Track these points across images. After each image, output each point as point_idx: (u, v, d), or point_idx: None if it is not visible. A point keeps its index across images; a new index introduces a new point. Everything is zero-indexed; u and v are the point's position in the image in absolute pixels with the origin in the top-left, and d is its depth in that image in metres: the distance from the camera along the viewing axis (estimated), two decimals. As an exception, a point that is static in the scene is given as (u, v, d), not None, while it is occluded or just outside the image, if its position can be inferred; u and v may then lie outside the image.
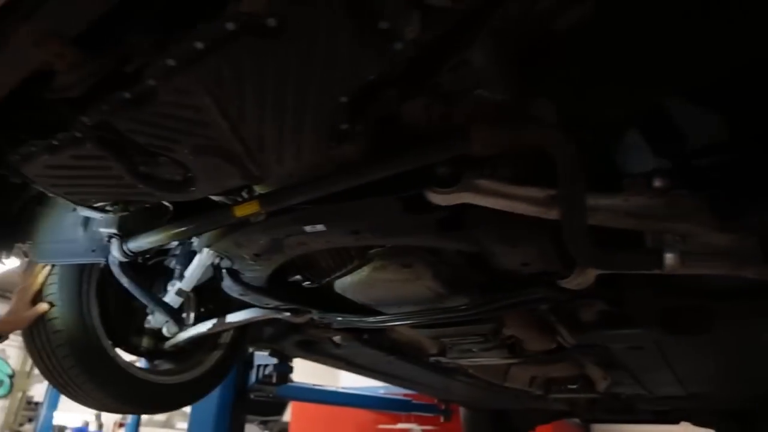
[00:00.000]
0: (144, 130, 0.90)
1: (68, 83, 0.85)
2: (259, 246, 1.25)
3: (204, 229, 1.23)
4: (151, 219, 1.42)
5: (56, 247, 1.60)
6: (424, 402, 5.21)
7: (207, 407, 3.24)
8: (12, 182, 1.53)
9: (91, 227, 1.57)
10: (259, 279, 1.49)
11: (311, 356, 2.49)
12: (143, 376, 1.85)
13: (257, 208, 1.07)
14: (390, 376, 2.87)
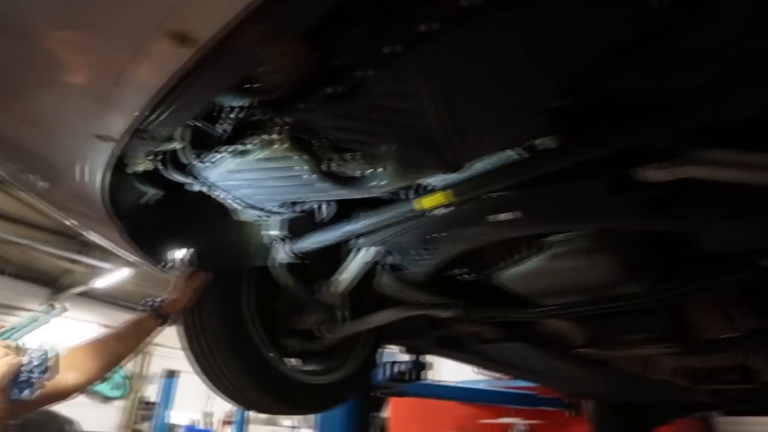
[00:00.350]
0: (344, 126, 0.89)
1: (276, 84, 0.84)
2: (438, 239, 1.21)
3: (386, 225, 1.20)
4: (312, 220, 1.43)
5: (216, 253, 1.64)
6: (549, 396, 5.03)
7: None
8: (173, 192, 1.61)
9: (247, 231, 1.60)
10: (422, 274, 1.46)
11: (449, 353, 2.45)
12: (297, 377, 1.88)
13: (448, 198, 1.03)
14: (523, 370, 2.77)
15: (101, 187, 1.21)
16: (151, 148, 1.07)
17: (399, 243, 1.30)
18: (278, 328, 1.91)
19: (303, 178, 1.05)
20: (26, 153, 1.17)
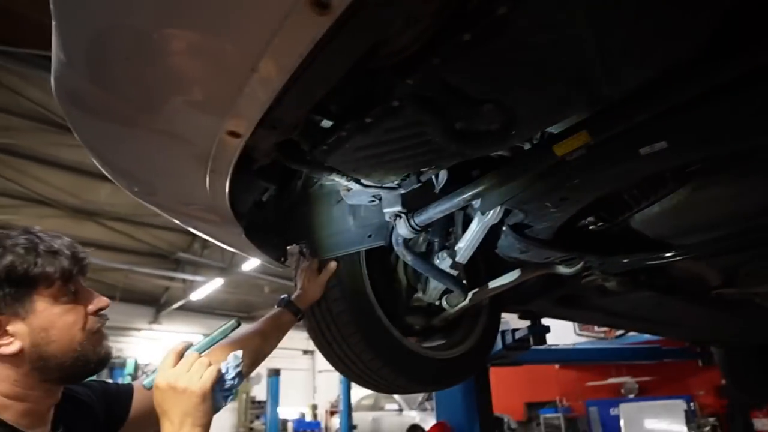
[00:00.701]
0: (481, 75, 0.84)
1: (406, 42, 0.81)
2: (572, 186, 1.14)
3: (513, 181, 1.14)
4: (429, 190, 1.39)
5: (332, 240, 1.64)
6: (674, 347, 4.83)
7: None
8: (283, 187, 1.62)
9: (359, 214, 1.59)
10: (548, 230, 1.40)
11: (569, 312, 2.37)
12: (424, 353, 1.86)
13: (586, 138, 0.96)
14: (649, 323, 2.65)
15: (226, 188, 1.23)
16: (276, 139, 1.06)
17: (527, 199, 1.24)
18: (399, 307, 1.90)
19: (432, 142, 1.01)
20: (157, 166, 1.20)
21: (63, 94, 1.00)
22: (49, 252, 0.96)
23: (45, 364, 0.94)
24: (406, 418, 11.17)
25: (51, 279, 0.95)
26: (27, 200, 10.60)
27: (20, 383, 0.93)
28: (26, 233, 0.97)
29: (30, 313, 0.93)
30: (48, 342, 0.94)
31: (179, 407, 0.96)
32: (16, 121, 8.67)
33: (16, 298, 0.92)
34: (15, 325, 0.92)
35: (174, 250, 13.05)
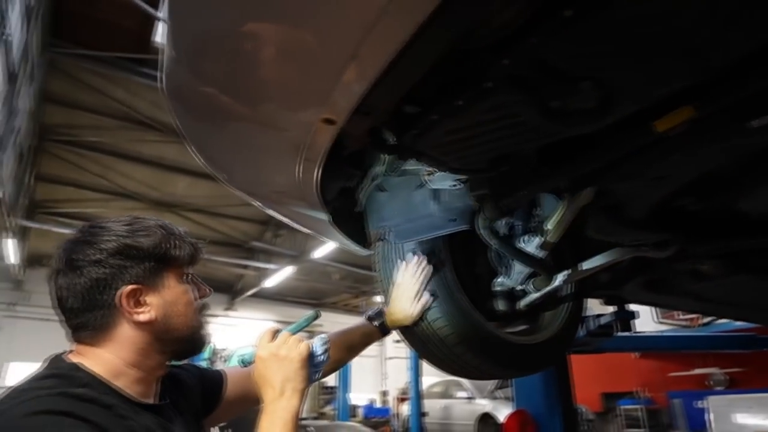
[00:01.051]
0: (581, 51, 0.82)
1: (503, 22, 0.80)
2: (671, 164, 1.10)
3: (608, 159, 1.11)
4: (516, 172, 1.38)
5: (413, 225, 1.65)
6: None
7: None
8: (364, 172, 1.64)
9: (443, 198, 1.60)
10: (641, 210, 1.35)
11: (657, 298, 2.29)
12: (508, 338, 1.85)
13: (689, 113, 0.92)
14: (744, 309, 2.50)
15: (317, 176, 1.26)
16: (368, 125, 1.08)
17: (621, 178, 1.20)
18: (481, 292, 1.89)
19: (525, 123, 1.00)
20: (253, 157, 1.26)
21: (171, 89, 1.06)
22: (181, 238, 1.06)
23: (167, 335, 1.02)
24: (476, 406, 11.09)
25: (180, 261, 1.04)
26: (114, 194, 11.28)
27: (142, 351, 0.99)
28: (162, 223, 1.06)
29: (163, 287, 1.01)
30: (175, 315, 1.02)
31: (280, 373, 1.06)
32: (102, 120, 9.23)
33: (154, 271, 1.00)
34: (151, 296, 0.99)
35: (247, 239, 13.53)
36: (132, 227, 1.00)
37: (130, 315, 0.97)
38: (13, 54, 5.16)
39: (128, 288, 0.96)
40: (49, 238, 12.26)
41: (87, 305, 0.95)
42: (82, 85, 8.37)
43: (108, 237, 0.97)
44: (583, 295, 2.12)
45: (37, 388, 0.85)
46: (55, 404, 0.81)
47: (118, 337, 0.98)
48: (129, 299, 0.96)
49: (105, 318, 0.96)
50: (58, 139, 9.65)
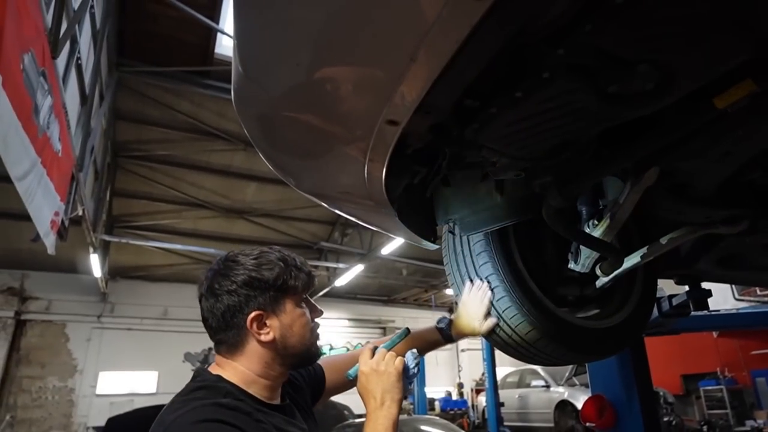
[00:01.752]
0: (634, 36, 0.83)
1: (557, 13, 0.83)
2: (737, 138, 1.09)
3: (670, 139, 1.11)
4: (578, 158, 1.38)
5: (478, 217, 1.67)
6: None
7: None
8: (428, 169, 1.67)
9: (507, 189, 1.61)
10: (709, 187, 1.33)
11: (732, 274, 2.21)
12: (581, 323, 1.85)
13: (749, 87, 0.91)
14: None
15: (383, 175, 1.31)
16: (430, 123, 1.12)
17: (685, 156, 1.19)
18: (550, 279, 1.90)
19: (584, 109, 1.01)
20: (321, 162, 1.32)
21: (240, 103, 1.15)
22: (298, 269, 1.24)
23: (286, 352, 1.21)
24: (553, 394, 10.95)
25: (297, 289, 1.23)
26: (186, 204, 11.78)
27: (268, 365, 1.20)
28: (283, 254, 1.25)
29: (281, 312, 1.20)
30: (291, 335, 1.21)
31: (380, 386, 1.23)
32: (171, 133, 9.67)
33: (275, 299, 1.19)
34: (272, 320, 1.19)
35: (316, 240, 13.81)
36: (258, 261, 1.19)
37: (257, 335, 1.17)
38: (84, 77, 5.49)
39: (254, 313, 1.16)
40: (126, 251, 12.95)
41: (223, 325, 1.18)
42: (150, 100, 8.78)
43: (239, 270, 1.17)
44: (655, 276, 2.08)
45: (194, 399, 1.07)
46: (212, 414, 1.01)
47: (248, 352, 1.19)
48: (254, 322, 1.16)
49: (237, 337, 1.18)
50: (130, 155, 10.16)
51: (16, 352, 13.25)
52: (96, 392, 13.83)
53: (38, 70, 3.39)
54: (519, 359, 1.91)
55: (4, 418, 12.47)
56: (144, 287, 14.55)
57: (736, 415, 9.14)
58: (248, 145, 10.01)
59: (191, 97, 8.74)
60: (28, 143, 3.30)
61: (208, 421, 0.99)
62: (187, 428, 0.98)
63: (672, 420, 8.85)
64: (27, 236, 4.95)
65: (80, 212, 6.22)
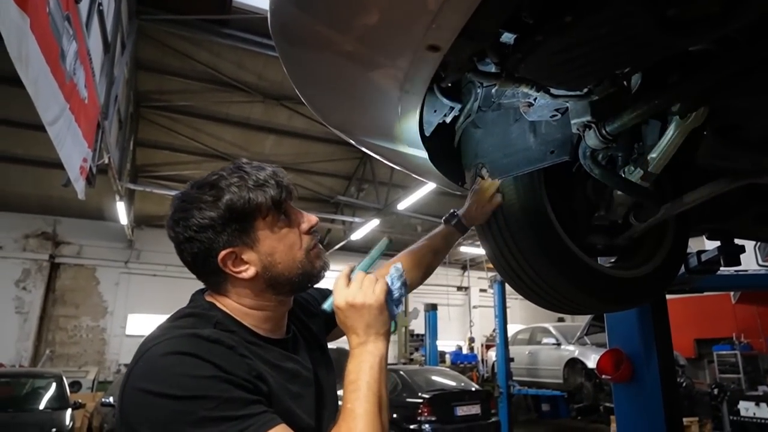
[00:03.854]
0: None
1: None
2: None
3: (721, 76, 1.05)
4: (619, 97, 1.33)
5: (510, 160, 1.63)
6: None
7: (624, 313, 3.16)
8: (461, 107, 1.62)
9: (540, 131, 1.56)
10: (759, 132, 1.27)
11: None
12: (608, 272, 1.82)
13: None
14: None
15: (418, 109, 1.27)
16: (472, 51, 1.07)
17: (741, 93, 1.13)
18: (580, 226, 1.86)
19: (639, 36, 0.96)
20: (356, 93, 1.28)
21: (276, 26, 1.11)
22: (258, 185, 1.05)
23: (276, 282, 1.07)
24: (563, 352, 11.04)
25: (264, 208, 1.05)
26: (205, 155, 11.81)
27: (259, 297, 1.08)
28: (237, 170, 1.07)
29: (255, 241, 1.05)
30: (275, 264, 1.06)
31: (361, 321, 1.05)
32: (190, 84, 9.62)
33: (241, 230, 1.03)
34: (247, 254, 1.04)
35: (333, 194, 13.84)
36: (207, 195, 1.03)
37: (236, 274, 1.04)
38: (106, 23, 5.43)
39: (223, 253, 1.02)
40: (150, 200, 13.15)
41: (200, 271, 1.07)
42: (169, 50, 8.71)
43: (190, 213, 1.02)
44: (687, 229, 2.03)
45: (175, 327, 0.97)
46: (186, 346, 0.90)
47: (234, 290, 1.07)
48: (227, 262, 1.03)
49: (217, 278, 1.06)
50: (151, 105, 10.18)
51: (52, 292, 14.09)
52: (126, 332, 14.56)
53: (63, 14, 3.35)
54: (542, 306, 1.89)
55: (44, 352, 13.40)
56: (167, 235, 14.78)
57: (749, 380, 9.16)
58: (266, 97, 9.95)
59: (210, 46, 8.65)
60: (56, 88, 3.30)
61: (180, 353, 0.88)
62: (155, 360, 0.89)
63: (683, 382, 8.90)
64: (57, 183, 5.01)
65: (106, 160, 6.26)
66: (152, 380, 0.86)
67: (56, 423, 6.57)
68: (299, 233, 1.12)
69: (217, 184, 1.04)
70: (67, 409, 7.03)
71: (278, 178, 1.09)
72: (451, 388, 8.40)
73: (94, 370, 13.21)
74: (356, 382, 0.98)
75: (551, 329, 11.83)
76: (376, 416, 0.93)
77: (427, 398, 7.54)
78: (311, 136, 11.26)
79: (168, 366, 0.87)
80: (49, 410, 7.01)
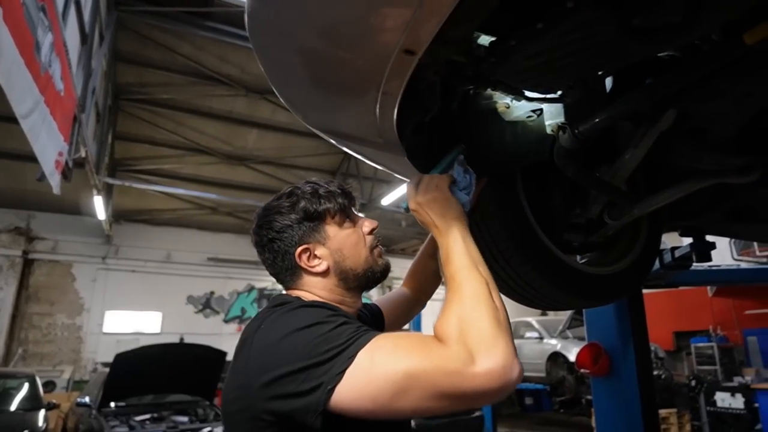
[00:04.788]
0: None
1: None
2: (758, 80, 1.06)
3: (692, 79, 1.09)
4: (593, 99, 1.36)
5: (488, 159, 1.65)
6: None
7: (602, 308, 3.23)
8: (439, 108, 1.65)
9: (517, 131, 1.59)
10: (726, 133, 1.31)
11: (739, 228, 2.21)
12: (584, 269, 1.86)
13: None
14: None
15: (395, 110, 1.29)
16: (447, 55, 1.09)
17: (707, 97, 1.17)
18: (556, 224, 1.89)
19: (606, 42, 0.99)
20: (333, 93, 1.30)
21: (253, 28, 1.12)
22: (328, 192, 1.25)
23: (346, 275, 1.22)
24: (546, 346, 11.19)
25: (332, 211, 1.23)
26: (187, 149, 11.72)
27: (335, 291, 1.22)
28: (308, 183, 1.28)
29: (326, 239, 1.21)
30: (344, 258, 1.22)
31: (434, 214, 1.19)
32: (172, 77, 9.53)
33: (314, 230, 1.21)
34: (320, 250, 1.21)
35: (317, 189, 13.80)
36: (285, 201, 1.23)
37: (310, 269, 1.20)
38: (84, 14, 5.36)
39: (299, 249, 1.19)
40: (129, 194, 12.97)
41: (279, 270, 1.23)
42: (150, 42, 8.62)
43: (272, 218, 1.22)
44: (660, 226, 2.08)
45: (272, 309, 1.09)
46: (311, 304, 1.08)
47: (309, 284, 1.22)
48: (302, 257, 1.19)
49: (294, 274, 1.22)
50: (131, 98, 10.07)
51: (25, 289, 13.57)
52: (103, 330, 14.19)
53: (38, 5, 3.30)
54: (519, 302, 1.92)
55: (17, 351, 12.92)
56: (147, 231, 14.65)
57: (724, 372, 9.35)
58: (249, 91, 9.89)
59: (192, 39, 8.58)
60: (31, 81, 3.26)
61: (312, 306, 1.06)
62: (290, 315, 1.02)
63: (662, 374, 9.07)
64: (32, 177, 4.94)
65: (83, 154, 6.18)
66: (284, 327, 0.99)
67: (28, 424, 6.42)
68: (362, 234, 1.28)
69: (294, 194, 1.24)
70: (41, 410, 6.90)
71: (344, 188, 1.31)
72: (434, 382, 8.41)
73: (70, 369, 12.93)
74: (452, 272, 1.06)
75: (534, 323, 11.97)
76: (484, 294, 0.98)
77: (410, 392, 7.54)
78: (295, 130, 11.22)
79: (310, 313, 1.02)
80: (21, 411, 6.86)
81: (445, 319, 0.95)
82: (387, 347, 0.90)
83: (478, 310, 0.94)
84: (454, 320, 0.93)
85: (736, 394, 7.37)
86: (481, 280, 1.01)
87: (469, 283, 1.00)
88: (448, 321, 0.94)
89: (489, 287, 1.00)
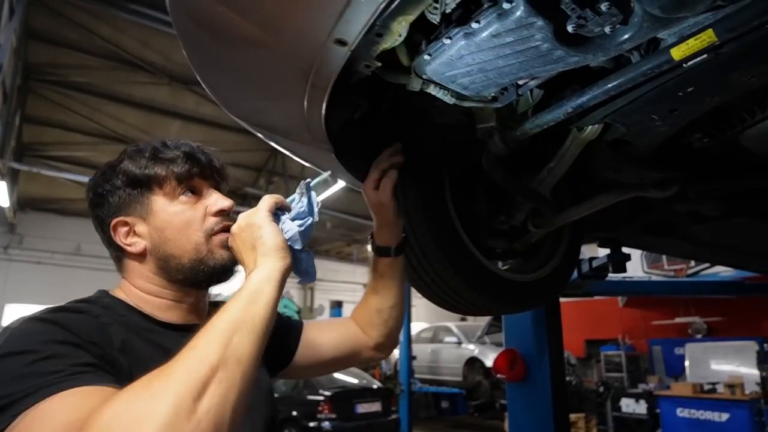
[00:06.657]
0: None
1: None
2: (686, 96, 1.09)
3: (621, 90, 1.10)
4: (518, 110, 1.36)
5: (417, 161, 1.63)
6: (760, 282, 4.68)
7: (520, 315, 3.30)
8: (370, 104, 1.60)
9: (449, 134, 1.58)
10: (649, 146, 1.34)
11: (654, 241, 2.31)
12: (506, 276, 1.87)
13: (710, 39, 0.90)
14: (739, 255, 2.53)
15: (324, 104, 1.23)
16: (380, 48, 1.05)
17: (633, 111, 1.19)
18: (481, 230, 1.90)
19: (539, 48, 0.97)
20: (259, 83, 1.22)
21: (176, 7, 1.03)
22: (160, 156, 1.00)
23: (166, 263, 0.97)
24: (464, 351, 11.44)
25: (160, 179, 0.98)
26: (103, 137, 11.09)
27: (152, 280, 0.97)
28: (147, 144, 1.04)
29: (149, 213, 0.97)
30: (164, 241, 0.96)
31: (244, 245, 0.93)
32: (89, 59, 8.97)
33: (135, 200, 0.97)
34: (140, 226, 0.97)
35: (240, 185, 13.47)
36: (114, 160, 1.03)
37: (127, 247, 0.98)
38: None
39: (113, 221, 0.97)
40: (38, 181, 12.15)
41: (105, 244, 1.02)
42: (66, 20, 8.07)
43: (94, 183, 1.01)
44: (580, 236, 2.13)
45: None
46: (44, 314, 0.79)
47: (128, 268, 1.00)
48: (118, 231, 0.97)
49: (116, 252, 1.01)
50: (43, 78, 9.40)
51: None
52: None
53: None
54: (439, 305, 1.90)
55: None
56: (56, 221, 13.85)
57: (631, 379, 9.85)
58: (173, 80, 9.48)
59: (113, 21, 8.10)
60: None
61: (32, 320, 0.77)
62: (10, 330, 0.76)
63: (572, 380, 9.44)
64: None
65: (-17, 134, 5.70)
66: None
67: None
68: (204, 213, 1.01)
69: (128, 151, 1.02)
70: None
71: (192, 151, 1.06)
72: (352, 385, 8.44)
73: (-38, 365, 12.02)
74: (207, 327, 0.74)
75: (453, 328, 12.21)
76: (199, 370, 0.66)
77: (327, 396, 7.52)
78: (220, 124, 10.84)
79: (17, 330, 0.76)
80: None
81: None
82: (52, 420, 0.65)
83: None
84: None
85: (640, 400, 7.79)
86: (214, 361, 0.68)
87: (183, 366, 0.67)
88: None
89: (221, 372, 0.67)
